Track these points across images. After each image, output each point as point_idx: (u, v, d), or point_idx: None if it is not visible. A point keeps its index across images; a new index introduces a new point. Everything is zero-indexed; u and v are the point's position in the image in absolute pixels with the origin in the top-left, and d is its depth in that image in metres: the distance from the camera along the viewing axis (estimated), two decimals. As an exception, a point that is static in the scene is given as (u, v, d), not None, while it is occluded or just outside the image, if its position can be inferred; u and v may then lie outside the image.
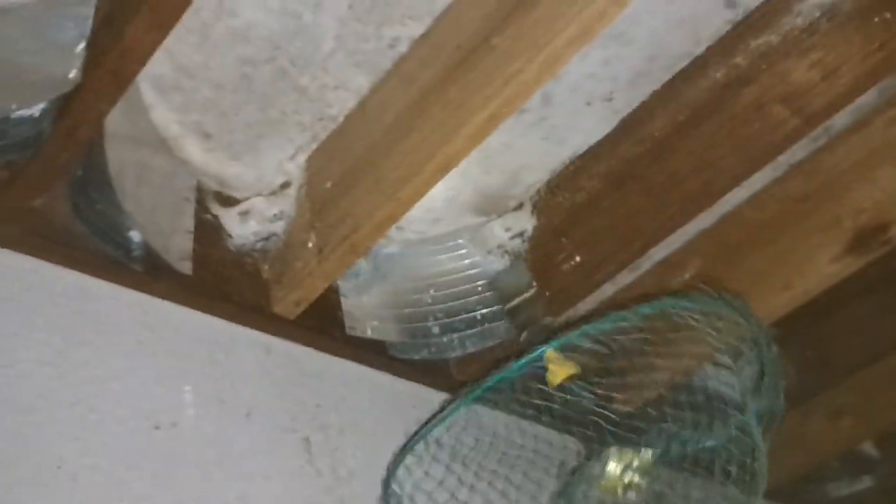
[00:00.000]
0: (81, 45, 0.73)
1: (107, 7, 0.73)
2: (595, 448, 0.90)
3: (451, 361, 1.15)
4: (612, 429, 0.91)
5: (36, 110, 0.75)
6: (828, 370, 1.46)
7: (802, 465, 1.62)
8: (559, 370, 0.93)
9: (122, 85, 0.70)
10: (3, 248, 0.78)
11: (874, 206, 1.11)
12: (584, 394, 0.93)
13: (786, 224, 1.19)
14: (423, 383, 1.11)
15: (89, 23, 0.75)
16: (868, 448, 1.78)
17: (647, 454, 0.85)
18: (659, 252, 1.32)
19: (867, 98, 1.15)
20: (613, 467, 0.86)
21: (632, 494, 0.83)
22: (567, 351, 0.90)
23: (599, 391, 0.98)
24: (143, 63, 0.69)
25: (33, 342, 0.76)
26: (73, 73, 0.71)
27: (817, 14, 0.94)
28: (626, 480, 0.84)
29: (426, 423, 0.94)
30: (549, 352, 0.92)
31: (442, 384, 1.14)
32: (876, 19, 0.89)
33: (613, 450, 0.87)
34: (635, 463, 0.86)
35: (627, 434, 0.90)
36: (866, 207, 1.12)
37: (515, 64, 0.79)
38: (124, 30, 0.65)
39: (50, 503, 0.70)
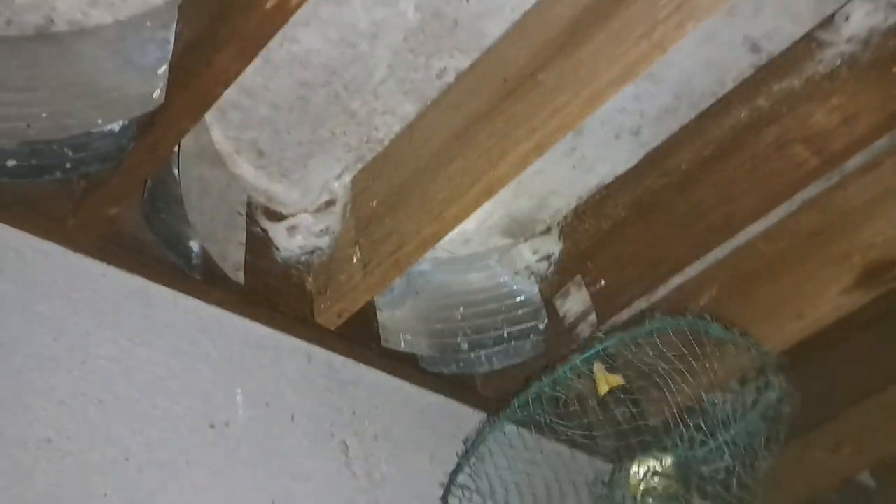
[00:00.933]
0: (164, 68, 0.79)
1: (189, 33, 0.79)
2: (623, 460, 0.96)
3: (478, 377, 1.20)
4: (636, 440, 0.97)
5: (116, 126, 0.80)
6: (830, 401, 1.51)
7: (801, 496, 1.66)
8: (605, 381, 1.00)
9: (206, 106, 0.76)
10: (78, 252, 0.84)
11: (884, 242, 1.17)
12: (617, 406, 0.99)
13: (799, 257, 1.24)
14: (451, 397, 1.16)
15: (170, 47, 0.81)
16: (865, 478, 1.83)
17: (667, 460, 0.91)
18: (675, 280, 1.38)
19: (879, 140, 1.22)
20: (635, 473, 0.91)
21: (649, 499, 0.88)
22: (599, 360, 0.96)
23: (623, 407, 1.03)
24: (226, 87, 0.75)
25: (103, 341, 0.81)
26: (156, 93, 0.77)
27: (838, 62, 1.01)
28: (645, 485, 0.90)
29: (478, 433, 0.99)
30: (596, 364, 1.00)
31: (468, 398, 1.19)
32: (894, 69, 0.96)
33: (637, 458, 0.93)
34: (656, 467, 0.91)
35: (650, 444, 0.96)
36: (876, 244, 1.18)
37: (561, 98, 0.85)
38: (213, 57, 0.71)
39: (119, 491, 0.75)
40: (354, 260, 1.01)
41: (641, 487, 0.90)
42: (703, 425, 1.05)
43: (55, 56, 0.85)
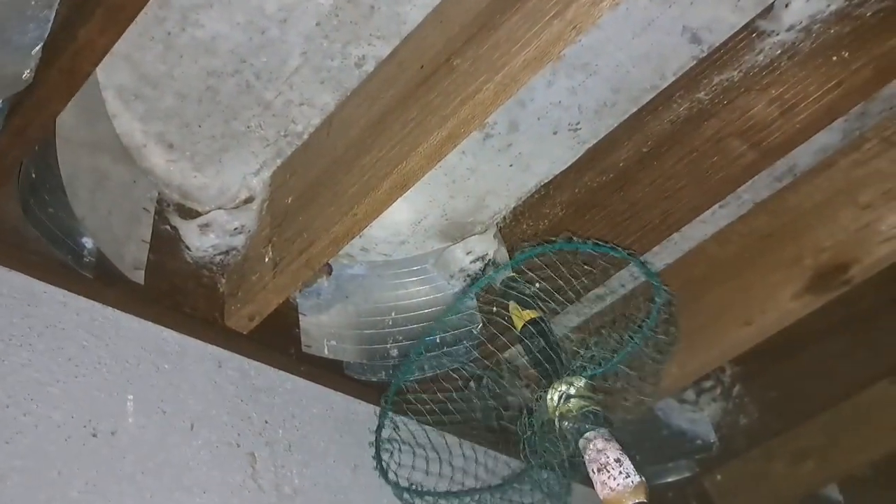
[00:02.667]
0: (38, 48, 0.73)
1: (65, 11, 0.73)
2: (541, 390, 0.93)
3: (410, 384, 1.14)
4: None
5: (-10, 109, 0.74)
6: (791, 411, 1.46)
7: (766, 509, 1.60)
8: (521, 316, 0.99)
9: (75, 85, 0.70)
10: (-53, 246, 0.78)
11: (835, 245, 1.12)
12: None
13: (748, 261, 1.20)
14: (378, 404, 1.09)
15: (49, 25, 0.75)
16: (832, 492, 1.77)
17: (579, 382, 0.88)
18: (628, 283, 1.32)
19: (831, 139, 1.17)
20: (551, 399, 0.89)
21: (565, 421, 0.86)
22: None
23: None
24: (95, 63, 0.69)
25: (-29, 342, 0.75)
26: (26, 74, 0.71)
27: (778, 52, 0.96)
28: (561, 409, 0.87)
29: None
30: (511, 303, 1.00)
31: (400, 407, 1.12)
32: (834, 58, 0.91)
33: (552, 386, 0.90)
34: (569, 391, 0.88)
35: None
36: (827, 247, 1.13)
37: (473, 85, 0.80)
38: (78, 31, 0.66)
39: (-27, 505, 0.69)
40: (266, 259, 0.95)
41: (558, 412, 0.87)
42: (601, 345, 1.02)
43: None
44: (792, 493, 1.59)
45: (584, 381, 0.89)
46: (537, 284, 0.99)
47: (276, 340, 1.02)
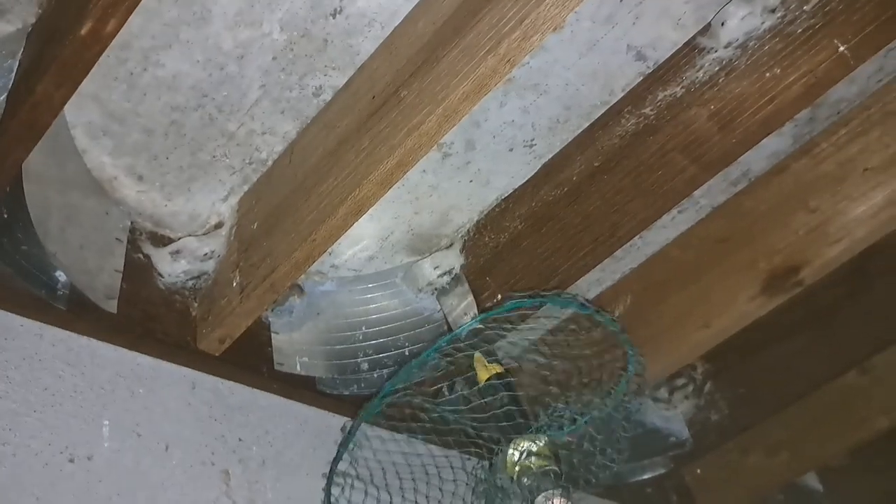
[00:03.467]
0: (2, 97, 0.78)
1: (26, 63, 0.78)
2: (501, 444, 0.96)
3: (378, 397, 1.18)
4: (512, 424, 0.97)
5: (-41, 157, 0.79)
6: (760, 406, 1.50)
7: (745, 500, 1.65)
8: (486, 368, 1.01)
9: (37, 134, 0.74)
10: (-76, 287, 0.82)
11: (787, 247, 1.17)
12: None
13: (707, 264, 1.24)
14: (351, 417, 1.14)
15: (12, 76, 0.80)
16: (812, 481, 1.82)
17: (541, 441, 0.92)
18: (593, 289, 1.37)
19: (783, 144, 1.21)
20: (511, 454, 0.93)
21: (524, 478, 0.89)
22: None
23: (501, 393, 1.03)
24: (55, 115, 0.73)
25: (-50, 377, 0.80)
26: (-8, 124, 0.76)
27: (717, 68, 1.00)
28: (521, 466, 0.90)
29: (340, 444, 0.99)
30: (476, 355, 1.03)
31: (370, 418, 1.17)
32: (768, 74, 0.95)
33: (513, 441, 0.94)
34: (531, 448, 0.92)
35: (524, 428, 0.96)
36: (780, 249, 1.17)
37: (417, 116, 0.84)
38: (35, 86, 0.70)
39: (-46, 533, 0.73)
40: (234, 284, 0.99)
41: (517, 468, 0.91)
42: (568, 406, 1.05)
43: None
44: (770, 483, 1.63)
45: (546, 439, 0.92)
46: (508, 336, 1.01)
47: (249, 360, 1.06)
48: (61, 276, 0.91)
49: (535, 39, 0.78)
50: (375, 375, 1.16)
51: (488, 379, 1.02)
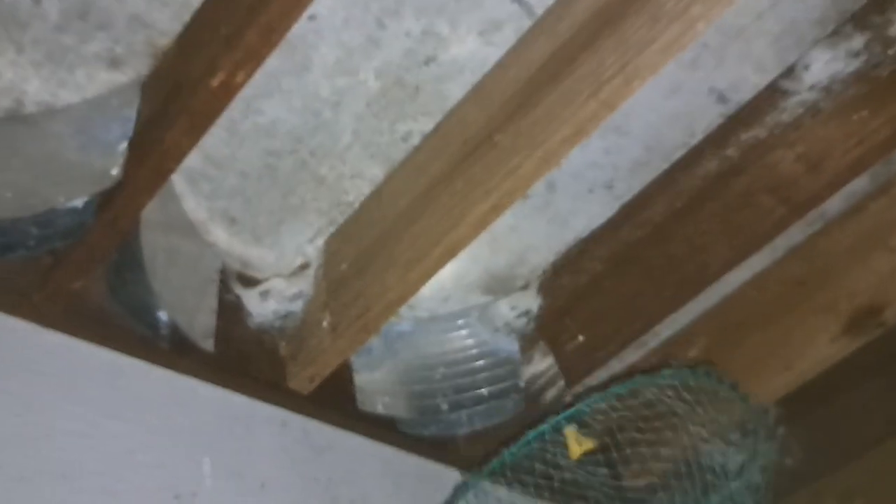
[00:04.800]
0: (123, 145, 0.82)
1: (148, 111, 0.82)
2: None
3: (460, 437, 1.19)
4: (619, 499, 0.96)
5: (79, 202, 0.82)
6: (837, 451, 1.47)
7: (818, 547, 1.60)
8: (578, 445, 1.00)
9: (161, 181, 0.78)
10: (45, 327, 0.85)
11: (868, 289, 1.16)
12: (594, 468, 0.98)
13: (785, 306, 1.23)
14: (433, 458, 1.14)
15: (132, 124, 0.84)
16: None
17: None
18: (665, 330, 1.36)
19: (860, 184, 1.21)
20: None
21: None
22: (575, 421, 0.96)
23: (608, 468, 1.02)
24: (179, 162, 0.77)
25: (70, 415, 0.82)
26: (115, 170, 0.79)
27: (801, 111, 1.01)
28: None
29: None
30: (568, 428, 1.01)
31: (451, 460, 1.17)
32: (854, 117, 0.96)
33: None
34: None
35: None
36: (860, 290, 1.16)
37: (515, 160, 0.86)
38: (165, 135, 0.73)
39: (75, 569, 0.75)
40: (324, 324, 1.01)
41: None
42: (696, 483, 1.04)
43: (25, 136, 0.88)
44: (843, 532, 1.59)
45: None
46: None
47: (334, 399, 1.07)
48: (163, 315, 0.94)
49: (636, 84, 0.80)
50: (454, 417, 1.17)
51: (583, 454, 1.01)
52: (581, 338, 1.13)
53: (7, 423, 0.78)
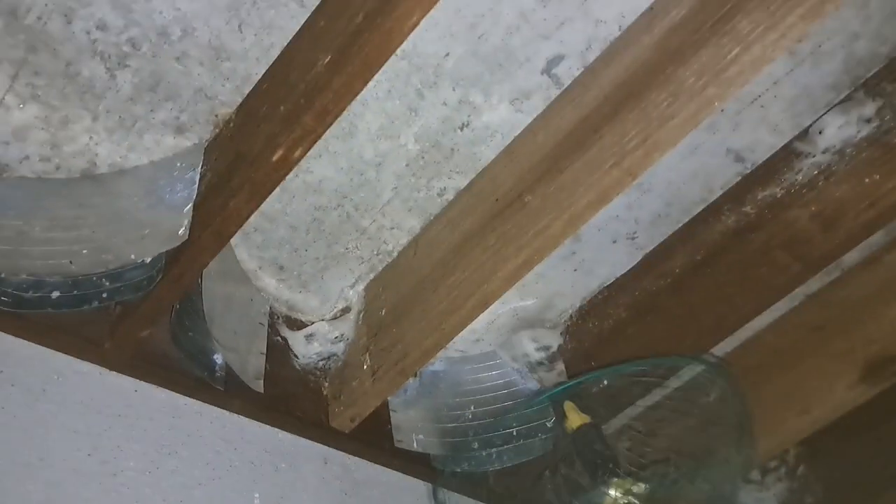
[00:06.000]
0: (189, 206, 0.90)
1: (211, 176, 0.90)
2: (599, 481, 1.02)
3: (491, 474, 1.25)
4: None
5: (148, 258, 0.91)
6: (856, 490, 1.50)
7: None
8: (576, 418, 1.08)
9: (223, 243, 0.86)
10: (112, 371, 0.93)
11: (883, 337, 1.20)
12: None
13: (803, 351, 1.28)
14: (465, 494, 1.20)
15: (195, 187, 0.92)
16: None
17: (642, 487, 0.97)
18: (685, 373, 1.42)
19: (875, 238, 1.26)
20: (613, 493, 0.97)
21: None
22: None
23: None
24: (241, 225, 0.85)
25: (133, 453, 0.90)
26: (182, 230, 0.88)
27: (815, 172, 1.07)
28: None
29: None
30: (567, 403, 1.10)
31: (481, 495, 1.23)
32: (867, 180, 1.02)
33: (615, 480, 0.99)
34: (634, 489, 0.96)
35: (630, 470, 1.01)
36: (876, 339, 1.21)
37: (544, 220, 0.93)
38: (229, 201, 0.82)
39: None
40: (365, 367, 1.08)
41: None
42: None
43: (98, 195, 0.97)
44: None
45: (645, 486, 0.98)
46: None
47: (373, 437, 1.14)
48: (218, 358, 1.02)
49: (656, 156, 0.86)
50: (484, 454, 1.23)
51: (580, 427, 1.08)
52: (605, 382, 1.19)
53: (78, 461, 0.86)
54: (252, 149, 0.83)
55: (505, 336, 1.31)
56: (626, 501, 1.00)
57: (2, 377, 0.86)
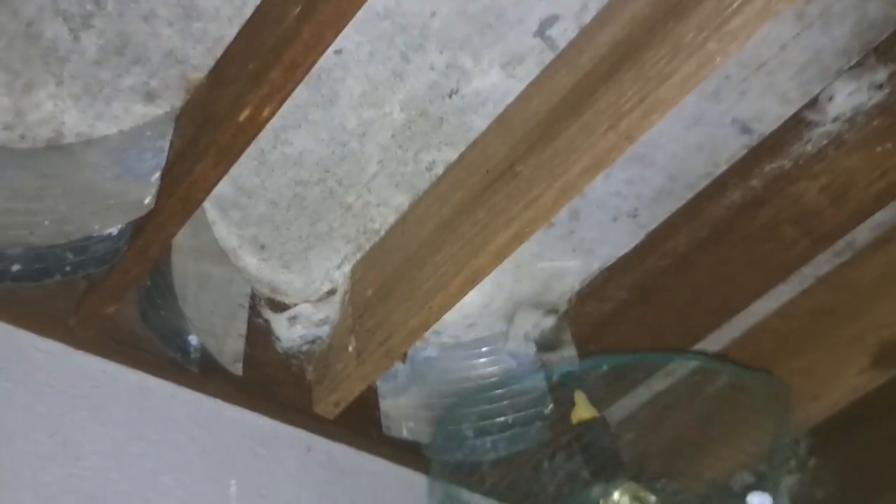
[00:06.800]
0: (156, 175, 0.85)
1: (180, 143, 0.85)
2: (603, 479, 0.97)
3: (485, 464, 1.19)
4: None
5: (114, 230, 0.85)
6: (869, 482, 1.44)
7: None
8: (583, 410, 1.04)
9: (190, 211, 0.81)
10: (78, 349, 0.88)
11: (895, 322, 1.14)
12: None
13: (813, 336, 1.22)
14: (458, 484, 1.15)
15: (164, 156, 0.87)
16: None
17: (650, 497, 0.92)
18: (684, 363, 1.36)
19: (888, 215, 1.19)
20: (617, 496, 0.93)
21: None
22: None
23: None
24: (208, 193, 0.80)
25: (98, 436, 0.85)
26: (147, 200, 0.82)
27: (825, 142, 1.01)
28: None
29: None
30: (578, 392, 1.06)
31: (475, 486, 1.18)
32: (878, 149, 0.96)
33: (623, 486, 0.94)
34: (641, 494, 0.92)
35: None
36: (888, 323, 1.15)
37: (535, 190, 0.87)
38: (194, 167, 0.76)
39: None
40: (350, 349, 1.03)
41: None
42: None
43: (63, 166, 0.92)
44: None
45: (654, 498, 0.93)
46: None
47: (359, 424, 1.09)
48: (193, 339, 0.96)
49: (655, 118, 0.81)
50: (479, 443, 1.17)
51: (587, 420, 1.03)
52: (605, 367, 1.13)
53: (38, 443, 0.81)
54: (219, 110, 0.78)
55: (500, 320, 1.25)
56: None
57: (-44, 355, 0.81)
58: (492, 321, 1.26)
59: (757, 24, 0.75)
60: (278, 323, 1.10)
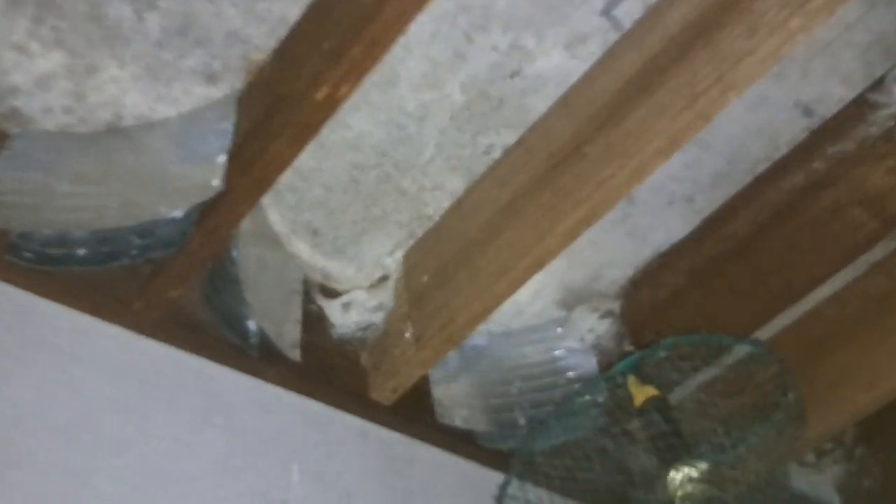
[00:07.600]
0: (223, 157, 0.84)
1: (248, 124, 0.83)
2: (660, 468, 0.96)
3: (537, 453, 1.18)
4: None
5: (179, 212, 0.84)
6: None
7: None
8: (641, 392, 1.03)
9: (264, 190, 0.80)
10: (142, 334, 0.87)
11: (956, 306, 1.12)
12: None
13: (868, 322, 1.20)
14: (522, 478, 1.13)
15: (230, 136, 0.86)
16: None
17: (702, 466, 0.91)
18: (743, 347, 1.34)
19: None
20: (672, 479, 0.92)
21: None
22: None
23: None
24: (282, 171, 0.78)
25: (167, 421, 0.84)
26: (215, 182, 0.81)
27: (892, 123, 0.99)
28: (682, 492, 0.89)
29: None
30: (630, 378, 1.05)
31: (531, 475, 1.16)
32: (948, 129, 0.94)
33: (674, 466, 0.93)
34: (692, 474, 0.91)
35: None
36: (947, 310, 1.13)
37: (607, 171, 0.86)
38: (269, 145, 0.75)
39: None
40: (407, 335, 1.02)
41: (679, 493, 0.89)
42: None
43: (125, 149, 0.91)
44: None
45: (707, 465, 0.91)
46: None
47: (413, 411, 1.08)
48: (252, 324, 0.95)
49: (732, 95, 0.79)
50: (531, 431, 1.16)
51: (646, 401, 1.02)
52: (662, 354, 1.11)
53: (113, 427, 0.80)
54: (293, 89, 0.76)
55: (550, 307, 1.24)
56: (688, 490, 0.94)
57: (28, 338, 0.80)
58: (542, 309, 1.24)
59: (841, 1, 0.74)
60: (332, 309, 1.09)
